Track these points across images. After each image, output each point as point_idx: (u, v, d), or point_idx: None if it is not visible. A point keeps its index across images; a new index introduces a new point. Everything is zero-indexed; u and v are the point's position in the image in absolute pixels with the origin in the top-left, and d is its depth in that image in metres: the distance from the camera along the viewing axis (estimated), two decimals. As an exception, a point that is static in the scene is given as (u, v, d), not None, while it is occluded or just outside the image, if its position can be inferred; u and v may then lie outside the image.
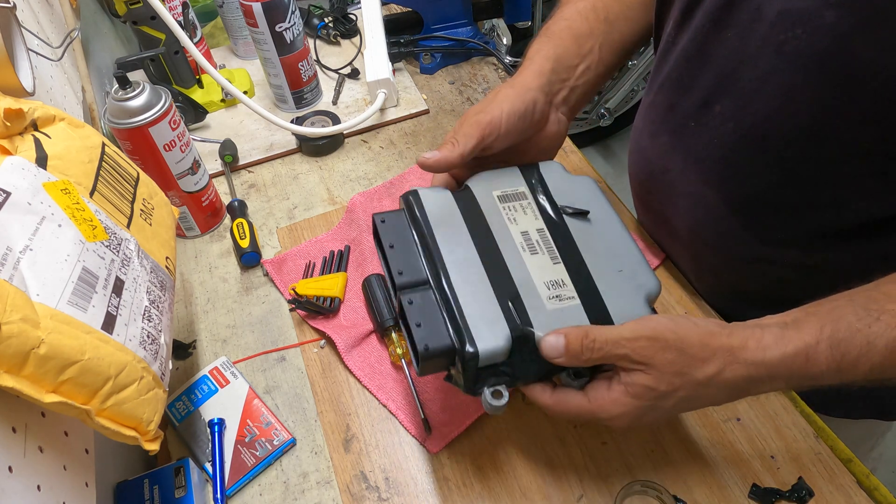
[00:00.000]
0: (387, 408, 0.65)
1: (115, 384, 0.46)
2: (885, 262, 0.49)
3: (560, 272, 0.52)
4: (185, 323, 0.76)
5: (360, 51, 1.12)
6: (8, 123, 0.49)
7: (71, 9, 0.97)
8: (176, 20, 0.85)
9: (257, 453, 0.62)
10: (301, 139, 0.95)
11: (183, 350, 0.72)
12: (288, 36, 0.93)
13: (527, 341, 0.49)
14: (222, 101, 1.04)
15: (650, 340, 0.46)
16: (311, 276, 0.77)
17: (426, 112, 1.00)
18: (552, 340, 0.47)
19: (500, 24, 1.61)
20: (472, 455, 0.61)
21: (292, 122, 0.95)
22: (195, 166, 0.80)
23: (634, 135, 0.72)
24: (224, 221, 0.87)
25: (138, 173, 0.64)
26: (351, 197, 0.84)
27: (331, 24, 1.15)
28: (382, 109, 1.00)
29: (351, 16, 1.17)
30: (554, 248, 0.54)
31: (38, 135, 0.52)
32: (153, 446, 0.50)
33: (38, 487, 0.42)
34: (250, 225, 0.82)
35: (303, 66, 0.98)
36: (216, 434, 0.63)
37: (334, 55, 1.13)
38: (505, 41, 1.33)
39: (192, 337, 0.74)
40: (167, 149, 0.75)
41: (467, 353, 0.47)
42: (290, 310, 0.75)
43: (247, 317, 0.75)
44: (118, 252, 0.53)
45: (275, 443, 0.63)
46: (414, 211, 0.55)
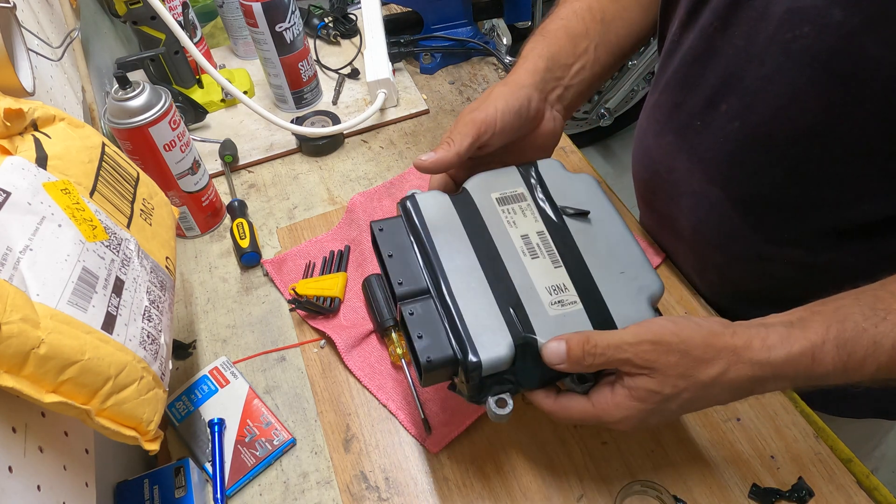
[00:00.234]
0: (387, 408, 0.65)
1: (115, 384, 0.46)
2: (890, 261, 0.49)
3: (561, 276, 0.52)
4: (185, 323, 0.76)
5: (360, 51, 1.12)
6: (8, 123, 0.49)
7: (71, 9, 0.97)
8: (176, 20, 0.85)
9: (257, 453, 0.62)
10: (301, 139, 0.95)
11: (183, 350, 0.72)
12: (288, 36, 0.93)
13: (530, 348, 0.48)
14: (222, 101, 1.04)
15: (653, 344, 0.46)
16: (311, 276, 0.77)
17: (426, 112, 1.00)
18: (554, 347, 0.47)
19: (500, 24, 1.61)
20: (472, 455, 0.61)
21: (292, 122, 0.95)
22: (195, 166, 0.80)
23: (639, 134, 0.72)
24: (224, 221, 0.87)
25: (138, 173, 0.64)
26: (351, 197, 0.84)
27: (331, 24, 1.15)
28: (382, 109, 1.00)
29: (351, 16, 1.17)
30: (555, 252, 0.53)
31: (38, 135, 0.52)
32: (153, 446, 0.50)
33: (38, 487, 0.42)
34: (250, 225, 0.82)
35: (303, 66, 0.98)
36: (216, 434, 0.63)
37: (334, 55, 1.13)
38: (505, 41, 1.33)
39: (192, 337, 0.74)
40: (167, 149, 0.75)
41: (470, 363, 0.47)
42: (290, 310, 0.75)
43: (247, 317, 0.75)
44: (118, 252, 0.53)
45: (275, 443, 0.63)
46: (412, 217, 0.54)
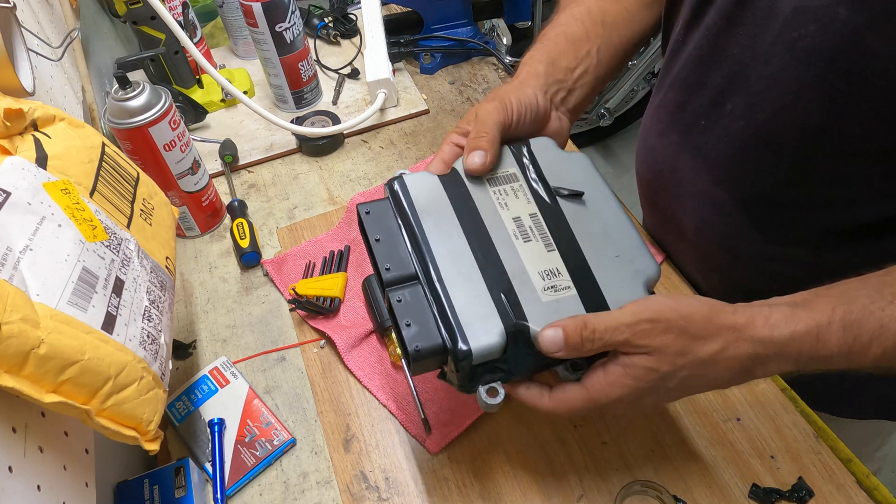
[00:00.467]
0: (387, 408, 0.65)
1: (115, 384, 0.46)
2: (895, 261, 0.48)
3: (555, 260, 0.50)
4: (185, 323, 0.76)
5: (360, 51, 1.12)
6: (8, 123, 0.49)
7: (71, 9, 0.97)
8: (176, 20, 0.85)
9: (257, 453, 0.62)
10: (301, 139, 0.95)
11: (183, 350, 0.72)
12: (288, 36, 0.93)
13: (522, 336, 0.47)
14: (222, 101, 1.04)
15: (651, 322, 0.45)
16: (311, 276, 0.77)
17: (426, 112, 1.00)
18: (550, 334, 0.46)
19: (500, 24, 1.61)
20: (472, 455, 0.61)
21: (292, 122, 0.95)
22: (195, 166, 0.80)
23: (643, 134, 0.72)
24: (224, 221, 0.87)
25: (138, 173, 0.64)
26: (351, 197, 0.84)
27: (331, 24, 1.15)
28: (382, 109, 1.00)
29: (351, 16, 1.17)
30: (548, 235, 0.51)
31: (38, 135, 0.52)
32: (153, 446, 0.50)
33: (38, 487, 0.42)
34: (250, 225, 0.82)
35: (303, 66, 0.98)
36: (216, 434, 0.63)
37: (334, 55, 1.13)
38: (505, 41, 1.33)
39: (192, 337, 0.74)
40: (167, 149, 0.75)
41: (460, 351, 0.45)
42: (290, 310, 0.75)
43: (247, 317, 0.75)
44: (118, 252, 0.53)
45: (275, 443, 0.63)
46: (399, 199, 0.52)
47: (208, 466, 0.61)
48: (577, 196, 0.54)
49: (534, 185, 0.54)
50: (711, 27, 0.56)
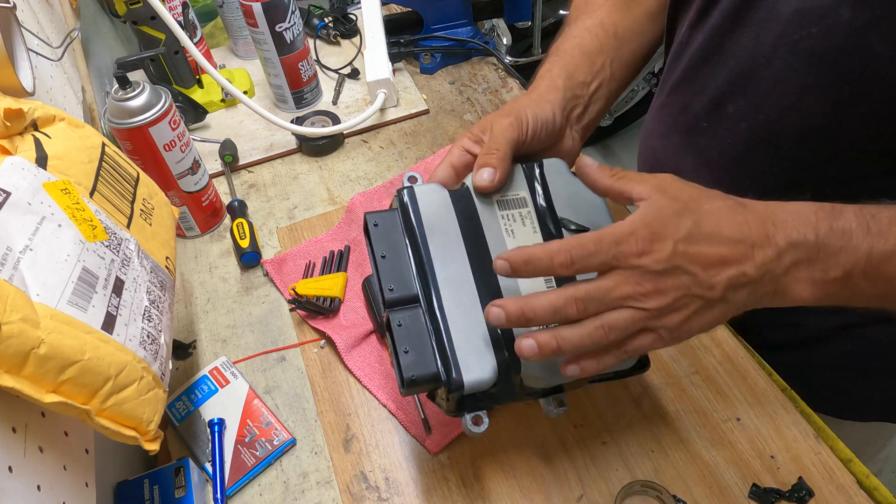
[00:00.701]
0: (387, 408, 0.65)
1: (115, 384, 0.46)
2: None
3: None
4: (185, 323, 0.76)
5: (360, 51, 1.12)
6: (8, 123, 0.49)
7: (71, 9, 0.97)
8: (176, 20, 0.85)
9: (257, 453, 0.62)
10: (301, 139, 0.95)
11: (183, 350, 0.72)
12: (288, 36, 0.93)
13: (513, 369, 0.49)
14: (222, 101, 1.04)
15: (674, 178, 0.45)
16: (311, 276, 0.77)
17: (426, 112, 1.00)
18: (586, 158, 0.47)
19: (500, 24, 1.61)
20: (472, 455, 0.61)
21: (292, 122, 0.95)
22: (195, 166, 0.80)
23: (644, 135, 0.72)
24: (224, 221, 0.87)
25: (138, 173, 0.64)
26: (351, 197, 0.84)
27: (331, 24, 1.15)
28: (382, 109, 1.00)
29: (351, 16, 1.17)
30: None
31: (38, 135, 0.52)
32: (153, 446, 0.50)
33: (38, 487, 0.42)
34: (250, 225, 0.82)
35: (303, 66, 0.98)
36: (216, 434, 0.63)
37: (334, 55, 1.13)
38: (505, 41, 1.33)
39: (192, 337, 0.74)
40: (167, 149, 0.75)
41: (453, 383, 0.47)
42: (290, 310, 0.75)
43: (247, 317, 0.75)
44: (118, 252, 0.53)
45: (275, 443, 0.63)
46: (409, 214, 0.52)
47: (208, 466, 0.61)
48: (583, 231, 0.53)
49: (542, 211, 0.54)
50: (715, 28, 0.56)
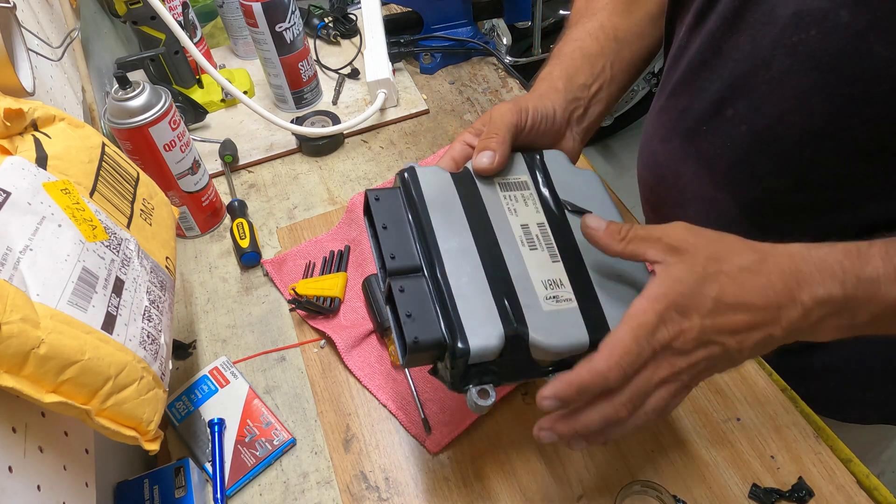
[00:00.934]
0: (387, 408, 0.65)
1: (115, 384, 0.46)
2: None
3: (558, 271, 0.50)
4: (185, 323, 0.76)
5: (360, 51, 1.12)
6: (8, 123, 0.49)
7: (71, 9, 0.97)
8: (176, 20, 0.85)
9: (257, 453, 0.62)
10: (301, 139, 0.95)
11: (183, 350, 0.72)
12: (288, 36, 0.93)
13: (520, 341, 0.47)
14: (222, 101, 1.04)
15: (684, 228, 0.45)
16: (311, 276, 0.77)
17: (426, 112, 1.00)
18: (593, 219, 0.48)
19: (500, 24, 1.61)
20: (472, 455, 0.61)
21: (292, 122, 0.95)
22: (195, 166, 0.80)
23: (644, 139, 0.72)
24: (224, 221, 0.87)
25: (138, 173, 0.64)
26: (351, 197, 0.84)
27: (331, 24, 1.15)
28: (382, 109, 1.00)
29: (351, 16, 1.17)
30: (554, 245, 0.51)
31: (38, 135, 0.52)
32: (153, 446, 0.50)
33: (38, 487, 0.42)
34: (250, 225, 0.82)
35: (303, 66, 0.98)
36: (216, 434, 0.63)
37: (334, 55, 1.13)
38: (505, 41, 1.33)
39: (192, 337, 0.74)
40: (167, 149, 0.75)
41: (458, 349, 0.45)
42: (290, 310, 0.75)
43: (247, 317, 0.75)
44: (118, 252, 0.53)
45: (275, 443, 0.63)
46: (410, 190, 0.52)
47: (208, 466, 0.61)
48: (583, 213, 0.53)
49: (544, 194, 0.54)
50: (713, 32, 0.56)
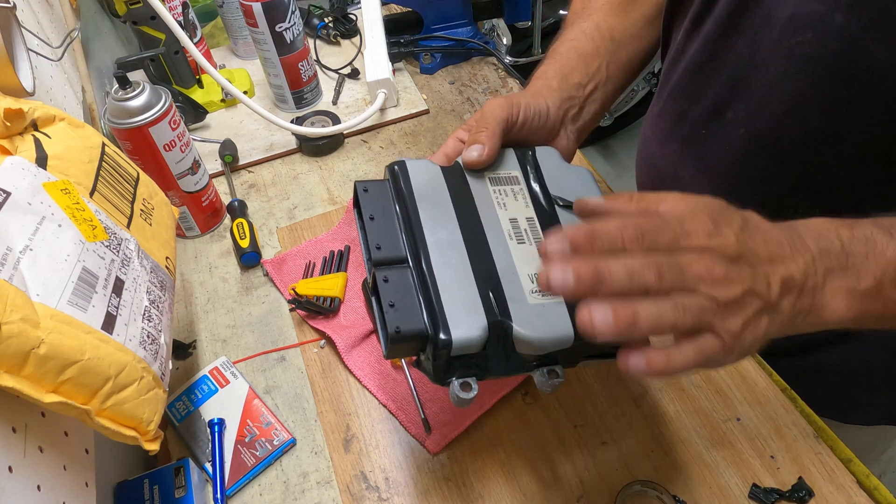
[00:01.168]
0: (387, 408, 0.65)
1: (115, 384, 0.46)
2: None
3: None
4: (185, 323, 0.76)
5: (360, 51, 1.12)
6: (8, 123, 0.49)
7: (71, 9, 0.97)
8: (176, 20, 0.85)
9: (257, 453, 0.62)
10: (301, 139, 0.95)
11: (183, 350, 0.72)
12: (288, 36, 0.93)
13: (504, 334, 0.46)
14: (222, 101, 1.04)
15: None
16: (311, 276, 0.77)
17: (426, 112, 1.00)
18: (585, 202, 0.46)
19: (500, 24, 1.61)
20: (472, 455, 0.61)
21: (292, 122, 0.95)
22: (195, 166, 0.80)
23: (643, 143, 0.72)
24: (224, 221, 0.87)
25: (138, 173, 0.64)
26: (351, 197, 0.84)
27: (331, 24, 1.15)
28: (382, 109, 1.00)
29: (351, 16, 1.17)
30: (542, 239, 0.50)
31: (38, 135, 0.52)
32: (153, 446, 0.50)
33: (38, 487, 0.42)
34: (250, 225, 0.82)
35: (303, 66, 0.98)
36: (216, 434, 0.63)
37: (334, 55, 1.13)
38: (505, 41, 1.33)
39: (192, 337, 0.74)
40: (167, 149, 0.75)
41: (440, 340, 0.44)
42: (290, 310, 0.75)
43: (247, 317, 0.75)
44: (118, 252, 0.53)
45: (275, 443, 0.63)
46: (399, 182, 0.52)
47: (208, 466, 0.61)
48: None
49: (534, 189, 0.54)
50: (710, 36, 0.56)
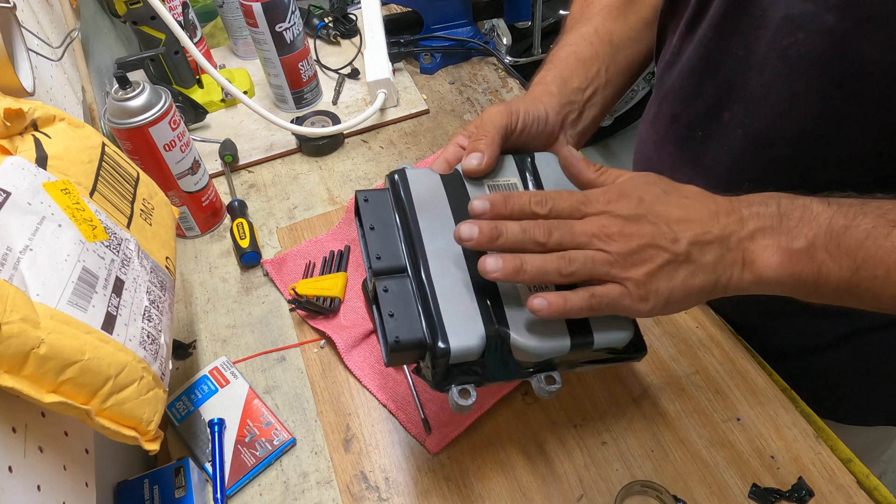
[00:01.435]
0: (387, 408, 0.65)
1: (115, 384, 0.46)
2: None
3: None
4: (185, 323, 0.76)
5: (360, 51, 1.12)
6: (8, 123, 0.49)
7: (71, 9, 0.97)
8: (176, 20, 0.85)
9: (257, 453, 0.62)
10: (301, 139, 0.95)
11: (183, 350, 0.72)
12: (288, 36, 0.93)
13: (502, 342, 0.47)
14: (222, 101, 1.04)
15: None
16: (311, 276, 0.77)
17: (426, 112, 1.01)
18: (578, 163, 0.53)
19: (500, 24, 1.61)
20: (472, 455, 0.61)
21: (292, 122, 0.95)
22: (195, 166, 0.80)
23: (639, 146, 0.72)
24: (224, 221, 0.87)
25: (138, 173, 0.64)
26: (351, 197, 0.84)
27: (331, 24, 1.15)
28: (382, 109, 1.00)
29: (351, 16, 1.17)
30: None
31: (38, 135, 0.52)
32: (153, 446, 0.50)
33: (38, 487, 0.42)
34: (250, 225, 0.82)
35: (303, 66, 0.98)
36: (216, 434, 0.63)
37: (334, 55, 1.13)
38: (505, 41, 1.33)
39: (192, 337, 0.74)
40: (167, 149, 0.75)
41: (439, 349, 0.45)
42: (290, 310, 0.75)
43: (247, 317, 0.75)
44: (118, 252, 0.53)
45: (275, 443, 0.63)
46: (399, 192, 0.52)
47: (208, 466, 0.61)
48: None
49: None
50: (704, 38, 0.56)
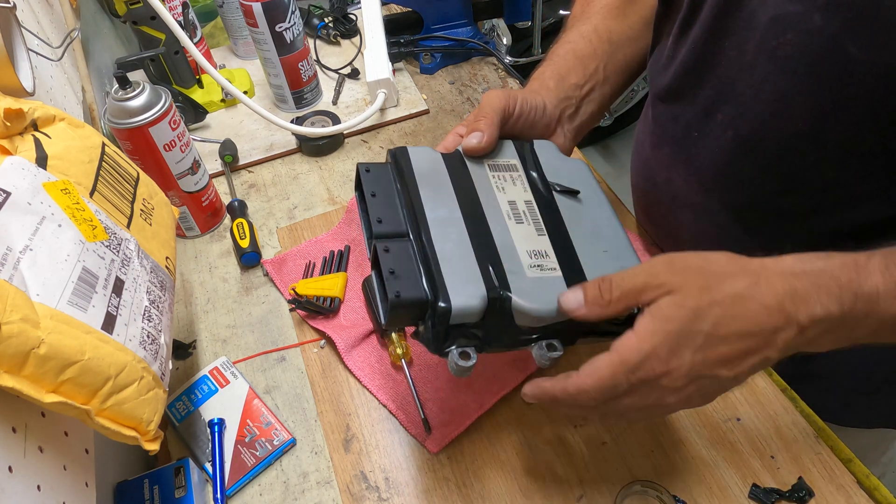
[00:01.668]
0: (387, 408, 0.65)
1: (115, 384, 0.46)
2: None
3: (544, 243, 0.51)
4: (185, 323, 0.76)
5: (360, 51, 1.12)
6: (8, 123, 0.49)
7: (71, 9, 0.97)
8: (176, 20, 0.85)
9: (257, 453, 0.62)
10: (301, 139, 0.95)
11: (183, 350, 0.72)
12: (288, 36, 0.93)
13: (503, 306, 0.47)
14: (222, 101, 1.04)
15: (667, 264, 0.44)
16: (311, 276, 0.77)
17: (426, 112, 1.00)
18: (570, 294, 0.45)
19: (500, 24, 1.61)
20: (472, 455, 0.61)
21: (292, 122, 0.95)
22: (195, 166, 0.80)
23: (636, 147, 0.72)
24: (224, 221, 0.87)
25: (138, 173, 0.64)
26: (351, 197, 0.84)
27: (331, 24, 1.15)
28: (382, 109, 1.00)
29: (351, 16, 1.17)
30: (540, 220, 0.52)
31: (38, 135, 0.52)
32: (153, 446, 0.50)
33: (38, 487, 0.42)
34: (250, 225, 0.82)
35: (303, 66, 0.98)
36: (216, 434, 0.63)
37: (334, 55, 1.13)
38: (505, 41, 1.33)
39: (192, 337, 0.74)
40: (167, 149, 0.75)
41: (440, 307, 0.45)
42: (290, 310, 0.75)
43: (247, 317, 0.75)
44: (118, 252, 0.53)
45: (275, 443, 0.63)
46: (400, 165, 0.53)
47: (208, 466, 0.61)
48: (572, 193, 0.56)
49: (532, 176, 0.56)
50: (698, 40, 0.57)
